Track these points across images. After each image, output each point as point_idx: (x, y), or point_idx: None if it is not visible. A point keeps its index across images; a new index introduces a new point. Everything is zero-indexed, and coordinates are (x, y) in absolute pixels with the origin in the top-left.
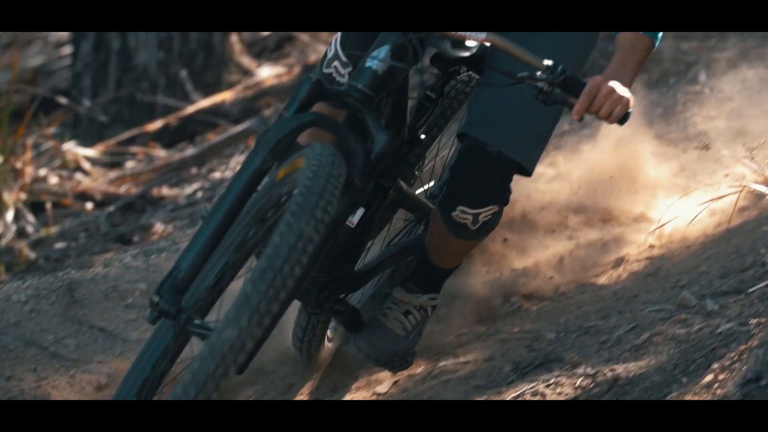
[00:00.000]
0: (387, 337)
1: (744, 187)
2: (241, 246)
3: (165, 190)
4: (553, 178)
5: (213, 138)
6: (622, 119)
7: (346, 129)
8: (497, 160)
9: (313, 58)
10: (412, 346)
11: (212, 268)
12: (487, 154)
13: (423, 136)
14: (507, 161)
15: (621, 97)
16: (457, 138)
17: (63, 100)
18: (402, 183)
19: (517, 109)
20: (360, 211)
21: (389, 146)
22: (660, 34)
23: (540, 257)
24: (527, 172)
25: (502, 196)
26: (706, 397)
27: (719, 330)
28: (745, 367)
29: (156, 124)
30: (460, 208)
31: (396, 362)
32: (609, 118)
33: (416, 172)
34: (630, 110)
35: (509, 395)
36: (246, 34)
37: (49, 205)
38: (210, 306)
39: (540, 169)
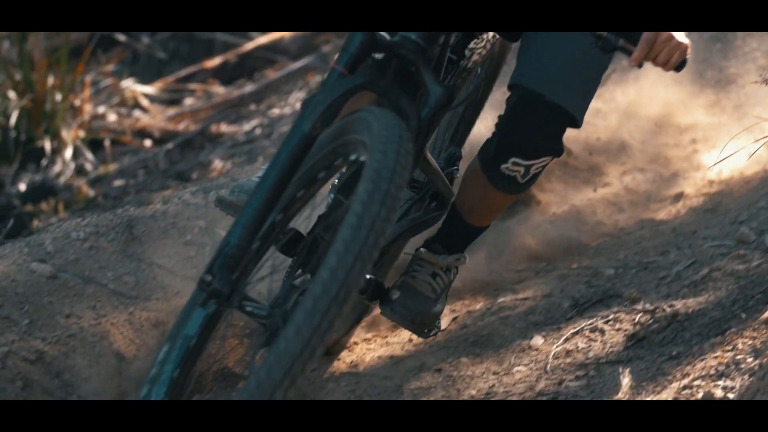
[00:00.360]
0: (419, 299)
1: None
2: (288, 207)
3: (224, 127)
4: (611, 113)
5: (272, 74)
6: (679, 66)
7: (398, 92)
8: (554, 111)
9: None
10: (441, 310)
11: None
12: (544, 104)
13: None
14: (562, 112)
15: (679, 44)
16: (508, 89)
17: (121, 37)
18: (428, 153)
19: (570, 59)
20: None
21: (444, 99)
22: None
23: (597, 194)
24: (577, 124)
25: (557, 147)
26: (765, 333)
27: None
28: None
29: (215, 61)
30: (512, 160)
31: (428, 326)
32: (666, 65)
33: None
34: (687, 57)
35: (568, 331)
36: None
37: (107, 143)
38: (252, 268)
39: (598, 104)
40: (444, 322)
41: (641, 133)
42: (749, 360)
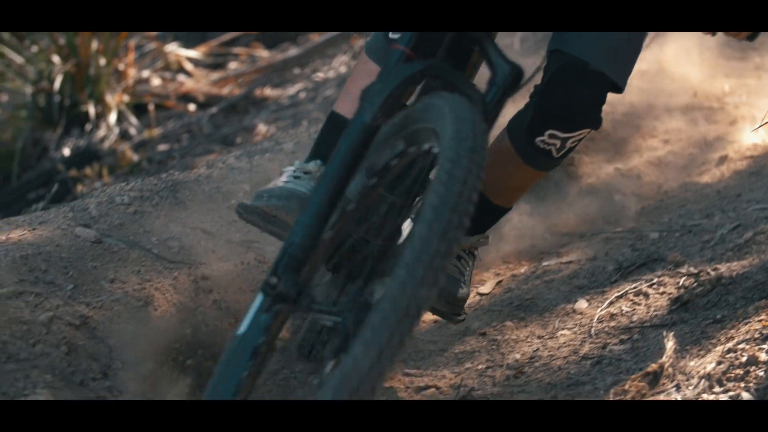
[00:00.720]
0: (450, 280)
1: None
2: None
3: (268, 91)
4: (654, 75)
5: (316, 38)
6: (753, 35)
7: (462, 78)
8: (597, 79)
9: None
10: (468, 294)
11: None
12: (587, 72)
13: None
14: (606, 80)
15: None
16: (548, 55)
17: None
18: None
19: None
20: None
21: (513, 78)
22: None
23: (641, 157)
24: (620, 90)
25: (597, 118)
26: None
27: None
28: None
29: None
30: (549, 132)
31: (460, 308)
32: (739, 34)
33: None
34: None
35: (612, 295)
36: None
37: (151, 107)
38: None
39: (642, 66)
40: (488, 286)
41: (685, 96)
42: None
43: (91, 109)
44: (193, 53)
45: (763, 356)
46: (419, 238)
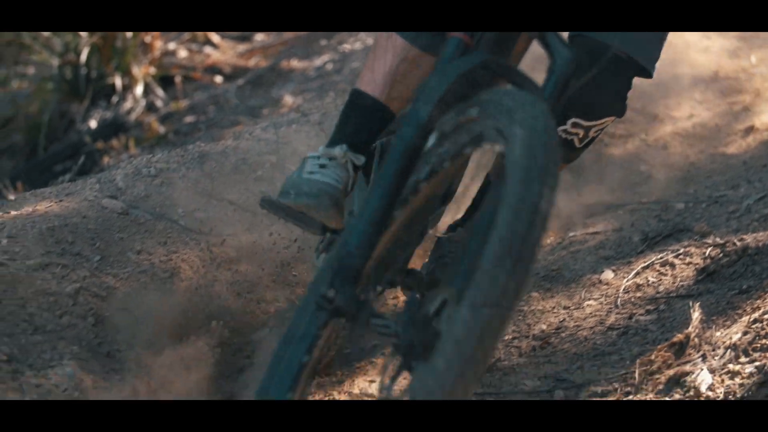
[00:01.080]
0: None
1: None
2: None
3: (294, 63)
4: (680, 45)
5: None
6: None
7: (520, 72)
8: (623, 65)
9: None
10: None
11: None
12: (613, 57)
13: None
14: (632, 65)
15: None
16: (569, 39)
17: None
18: None
19: None
20: None
21: (575, 65)
22: None
23: (667, 129)
24: (649, 74)
25: (623, 104)
26: None
27: None
28: None
29: None
30: (572, 121)
31: None
32: None
33: None
34: None
35: (638, 265)
36: None
37: (178, 79)
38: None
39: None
40: None
41: (711, 67)
42: None
43: (118, 81)
44: None
45: None
46: (488, 276)
